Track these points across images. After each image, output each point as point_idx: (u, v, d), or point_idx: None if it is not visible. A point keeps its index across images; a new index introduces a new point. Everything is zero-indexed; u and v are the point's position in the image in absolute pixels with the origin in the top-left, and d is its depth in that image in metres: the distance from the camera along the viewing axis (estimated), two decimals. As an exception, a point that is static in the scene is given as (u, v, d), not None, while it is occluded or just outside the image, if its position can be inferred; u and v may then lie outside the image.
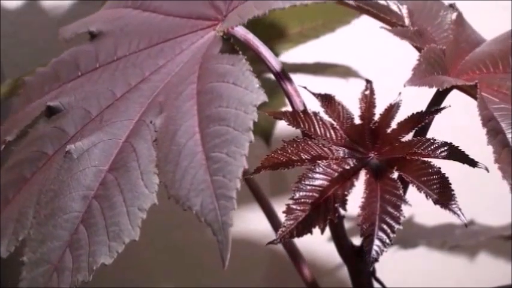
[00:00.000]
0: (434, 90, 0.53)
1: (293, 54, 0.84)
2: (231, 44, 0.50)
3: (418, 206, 0.51)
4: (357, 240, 0.54)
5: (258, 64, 0.54)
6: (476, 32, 0.61)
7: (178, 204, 0.45)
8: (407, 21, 0.57)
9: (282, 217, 0.49)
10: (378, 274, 0.60)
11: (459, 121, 0.82)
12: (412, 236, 0.92)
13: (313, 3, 0.49)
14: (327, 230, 0.49)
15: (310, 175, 0.49)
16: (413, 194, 0.50)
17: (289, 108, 0.56)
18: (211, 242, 0.46)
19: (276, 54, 0.84)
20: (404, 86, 0.47)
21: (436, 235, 0.92)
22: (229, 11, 0.54)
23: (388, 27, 0.54)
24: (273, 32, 0.82)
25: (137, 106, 0.52)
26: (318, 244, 0.86)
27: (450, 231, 0.89)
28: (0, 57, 0.90)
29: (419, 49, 0.53)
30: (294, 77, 0.84)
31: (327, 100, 0.55)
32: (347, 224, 0.58)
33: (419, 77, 0.47)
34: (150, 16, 0.59)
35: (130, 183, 0.48)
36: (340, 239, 0.58)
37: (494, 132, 0.48)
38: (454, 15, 0.58)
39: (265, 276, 1.00)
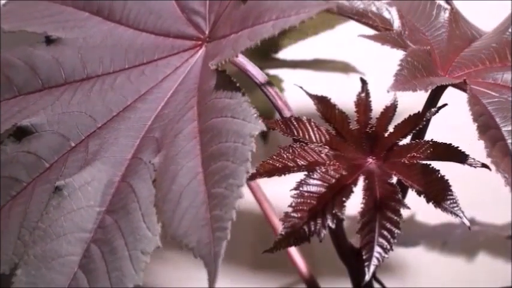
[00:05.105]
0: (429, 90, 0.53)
1: (293, 52, 0.84)
2: (228, 76, 0.48)
3: (419, 205, 0.50)
4: (356, 240, 0.53)
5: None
6: (474, 27, 0.60)
7: (176, 242, 0.45)
8: (397, 22, 0.57)
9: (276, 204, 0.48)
10: (378, 274, 0.59)
11: (458, 119, 0.81)
12: (412, 236, 0.91)
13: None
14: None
15: (308, 181, 0.48)
16: (413, 193, 0.49)
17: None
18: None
19: (276, 51, 0.83)
20: (388, 91, 0.46)
21: (436, 235, 0.91)
22: (212, 31, 0.52)
23: (369, 33, 0.53)
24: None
25: (128, 141, 0.50)
26: (317, 243, 0.85)
27: (450, 231, 0.89)
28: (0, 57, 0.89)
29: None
30: (293, 72, 0.84)
31: (322, 103, 0.54)
32: (347, 224, 0.58)
33: (401, 82, 0.46)
34: (118, 29, 0.56)
35: (131, 226, 0.47)
36: (339, 239, 0.58)
37: (484, 127, 0.47)
38: (447, 14, 0.58)
39: (263, 275, 0.99)
